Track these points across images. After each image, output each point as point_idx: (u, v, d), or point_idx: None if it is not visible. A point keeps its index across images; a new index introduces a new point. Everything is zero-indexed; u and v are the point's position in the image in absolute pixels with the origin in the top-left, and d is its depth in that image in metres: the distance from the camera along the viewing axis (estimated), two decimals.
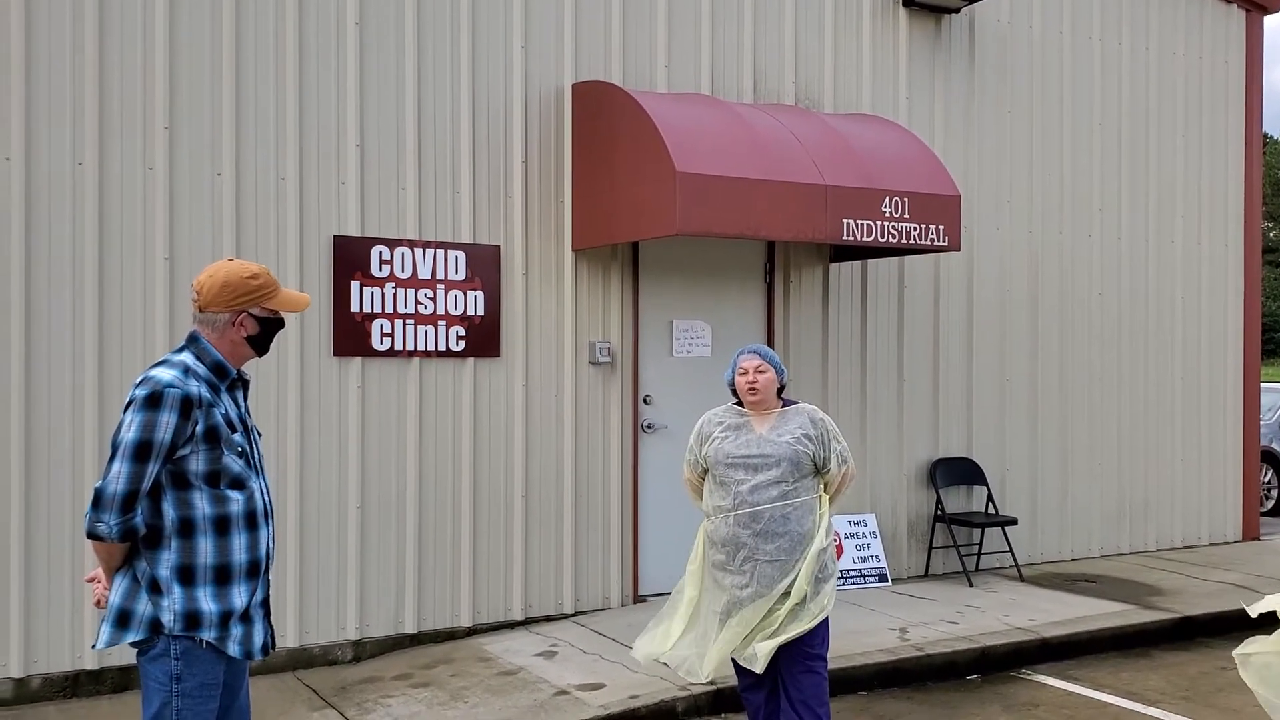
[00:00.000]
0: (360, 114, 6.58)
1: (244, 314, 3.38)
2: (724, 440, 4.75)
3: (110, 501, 3.16)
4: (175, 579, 3.24)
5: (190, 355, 3.34)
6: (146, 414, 3.17)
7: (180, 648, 3.24)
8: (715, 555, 4.74)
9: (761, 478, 4.64)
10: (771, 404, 4.80)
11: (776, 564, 4.60)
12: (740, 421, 4.80)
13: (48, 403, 5.84)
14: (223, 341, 3.38)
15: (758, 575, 4.61)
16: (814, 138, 7.08)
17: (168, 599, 3.24)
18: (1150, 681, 6.43)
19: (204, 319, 3.38)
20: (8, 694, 5.74)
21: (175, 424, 3.19)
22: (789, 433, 4.69)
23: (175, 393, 3.19)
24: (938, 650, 6.58)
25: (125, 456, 3.16)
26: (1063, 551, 9.24)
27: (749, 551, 4.62)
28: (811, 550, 4.61)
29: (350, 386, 6.57)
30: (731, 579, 4.67)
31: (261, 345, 3.46)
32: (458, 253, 6.86)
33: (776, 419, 4.76)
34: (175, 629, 3.23)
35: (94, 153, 5.93)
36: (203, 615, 3.25)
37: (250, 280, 3.38)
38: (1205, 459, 10.02)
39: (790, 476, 4.64)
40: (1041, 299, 9.13)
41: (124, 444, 3.17)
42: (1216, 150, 10.06)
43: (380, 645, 6.64)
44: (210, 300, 3.36)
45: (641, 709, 5.64)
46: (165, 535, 3.25)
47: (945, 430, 8.69)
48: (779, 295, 8.00)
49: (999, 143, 8.91)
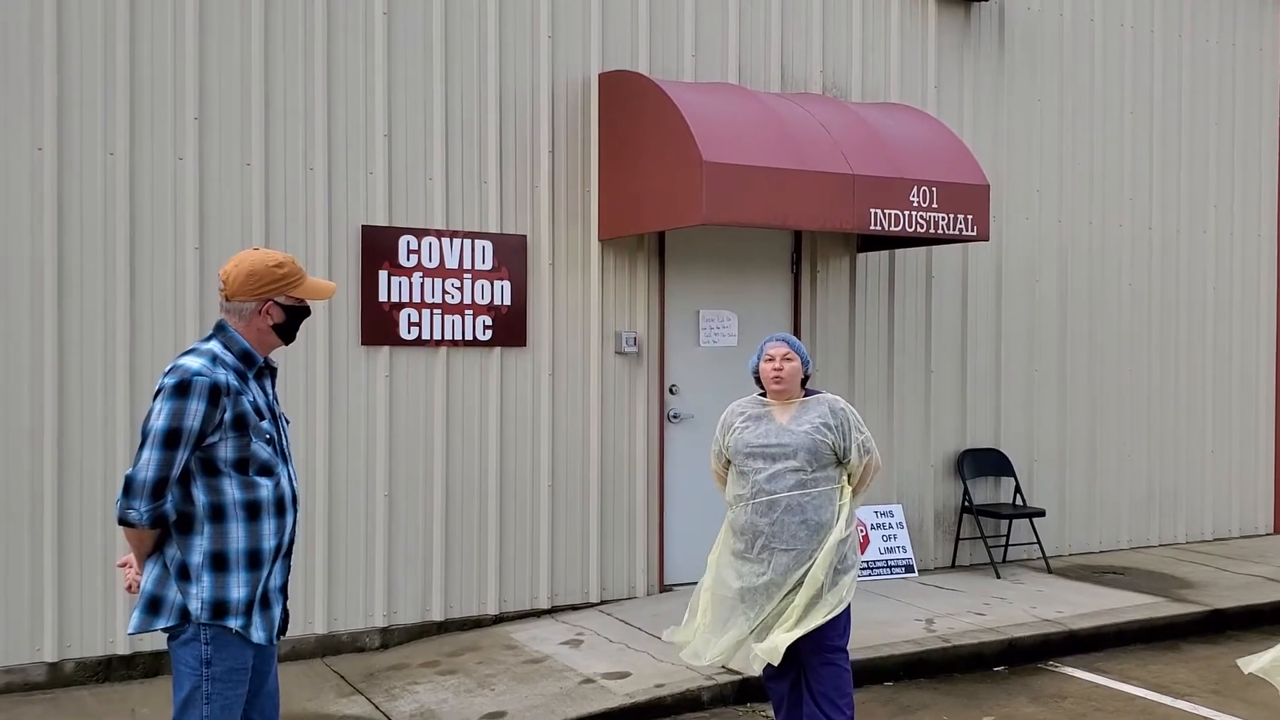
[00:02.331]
0: (388, 104, 6.61)
1: (270, 302, 3.40)
2: (744, 430, 4.76)
3: (141, 488, 3.19)
4: (207, 565, 3.27)
5: (218, 344, 3.37)
6: (176, 402, 3.20)
7: (210, 633, 3.27)
8: (735, 544, 4.76)
9: (779, 466, 4.63)
10: (795, 394, 4.78)
11: (792, 553, 4.60)
12: (762, 411, 4.79)
13: (80, 391, 5.91)
14: (249, 330, 3.40)
15: (774, 564, 4.61)
16: (841, 127, 7.05)
17: (196, 586, 3.27)
18: (1179, 674, 6.39)
19: (231, 308, 3.41)
20: (42, 678, 5.82)
21: (204, 411, 3.21)
22: (808, 422, 4.68)
23: (204, 381, 3.22)
24: (964, 641, 6.56)
25: (155, 444, 3.20)
26: (1091, 543, 9.19)
27: (765, 540, 4.63)
28: (830, 540, 4.59)
29: (378, 375, 6.61)
30: (749, 567, 4.68)
31: (288, 333, 3.49)
32: (485, 242, 6.88)
33: (798, 409, 4.75)
34: (203, 617, 3.26)
35: (125, 143, 5.99)
36: (230, 604, 3.29)
37: (276, 269, 3.40)
38: (1236, 450, 9.93)
39: (808, 466, 4.63)
40: (1071, 289, 9.06)
41: (154, 431, 3.20)
42: (1250, 139, 9.95)
43: (408, 632, 6.68)
44: (237, 289, 3.38)
45: (667, 698, 5.65)
46: (198, 521, 3.28)
47: (973, 421, 8.65)
48: (806, 285, 7.98)
49: (1028, 132, 8.84)
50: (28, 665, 5.80)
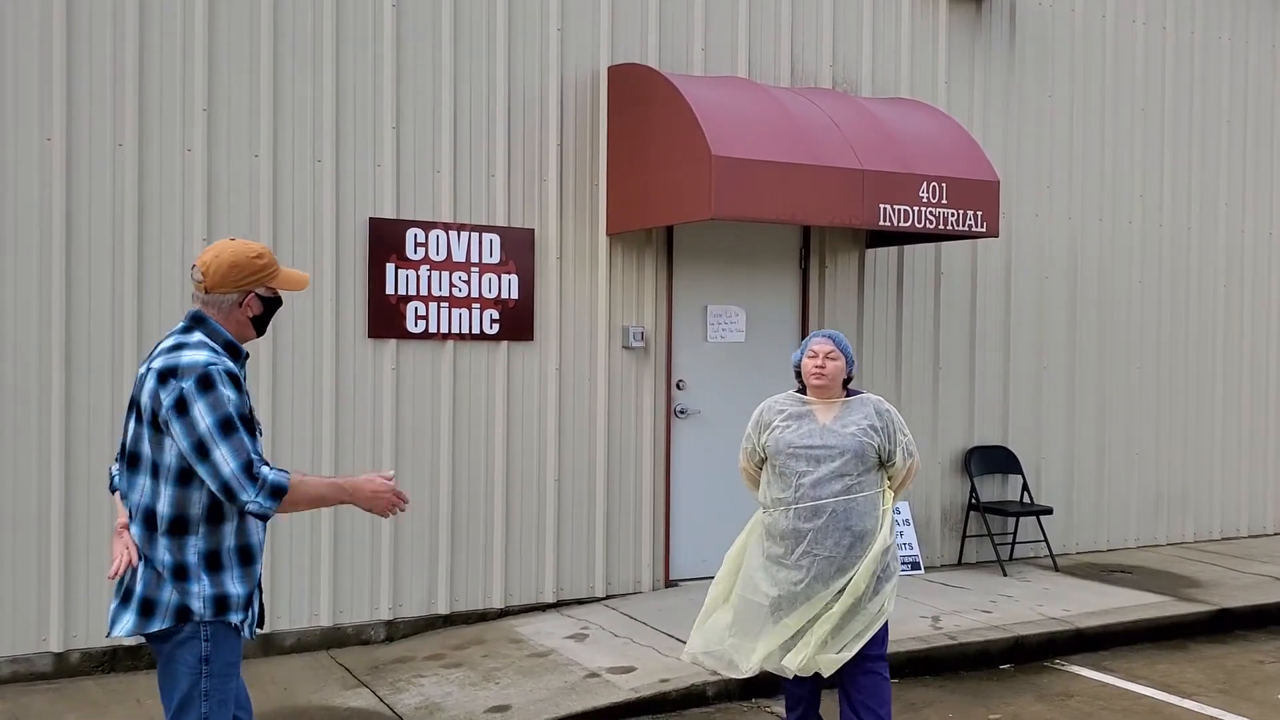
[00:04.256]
0: (396, 96, 6.60)
1: (251, 294, 3.37)
2: (785, 429, 4.58)
3: (237, 483, 3.15)
4: (203, 565, 3.24)
5: (202, 336, 3.31)
6: (208, 396, 3.16)
7: (209, 630, 3.26)
8: (772, 548, 4.58)
9: (824, 470, 4.47)
10: (836, 393, 4.62)
11: (835, 560, 4.43)
12: (803, 410, 4.62)
13: (88, 384, 5.91)
14: (229, 322, 3.36)
15: (815, 571, 4.45)
16: (851, 122, 7.02)
17: (197, 585, 3.23)
18: (1187, 674, 6.36)
19: (210, 300, 3.34)
20: (48, 668, 5.83)
21: (234, 396, 3.19)
22: (854, 423, 4.52)
23: (219, 368, 3.20)
24: (970, 639, 6.54)
25: (216, 441, 3.14)
26: (1098, 542, 9.16)
27: (808, 546, 4.46)
28: (875, 549, 4.43)
29: (385, 368, 6.60)
30: (787, 573, 4.51)
31: (263, 325, 3.47)
32: (492, 236, 6.87)
33: (841, 409, 4.59)
34: (206, 614, 3.24)
35: (134, 134, 5.98)
36: (231, 599, 3.28)
37: (256, 260, 3.36)
38: (1245, 450, 9.89)
39: (854, 469, 4.46)
40: (1080, 286, 9.03)
41: (207, 434, 3.14)
42: (1261, 137, 9.90)
43: (413, 626, 6.68)
44: (218, 281, 3.32)
45: (672, 692, 5.65)
46: (193, 523, 3.24)
47: (981, 418, 8.62)
48: (814, 281, 7.95)
49: (1039, 128, 8.80)
50: (34, 655, 5.81)
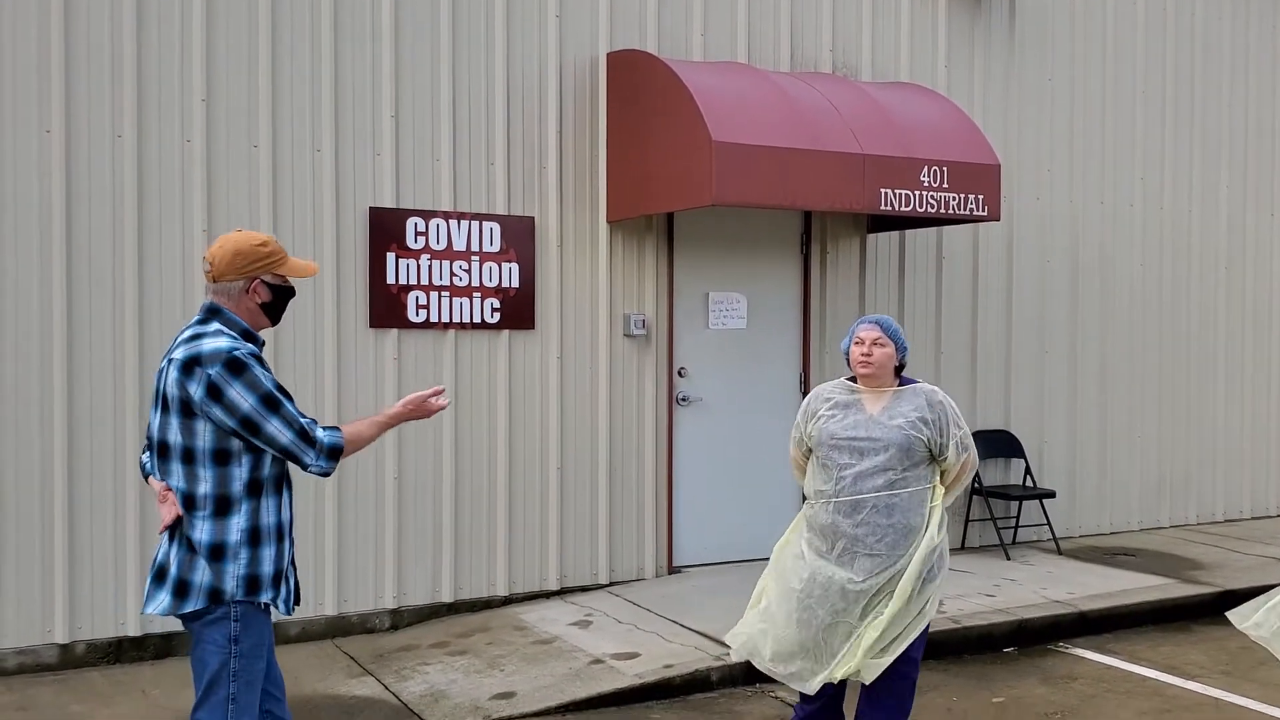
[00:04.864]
0: (395, 85, 6.58)
1: (257, 280, 3.45)
2: (830, 419, 4.33)
3: (298, 449, 3.32)
4: (245, 542, 3.34)
5: (220, 325, 3.40)
6: (242, 379, 3.27)
7: (239, 610, 3.35)
8: (815, 541, 4.34)
9: (867, 464, 4.22)
10: (887, 382, 4.35)
11: (878, 558, 4.20)
12: (850, 400, 4.36)
13: (89, 374, 5.91)
14: (239, 309, 3.45)
15: (856, 567, 4.22)
16: (851, 106, 7.00)
17: (233, 565, 3.33)
18: (1190, 655, 6.37)
19: (219, 289, 3.44)
20: (54, 659, 5.85)
21: (266, 374, 3.32)
22: (902, 415, 4.25)
23: (242, 351, 3.30)
24: (974, 623, 6.55)
25: (265, 416, 3.28)
26: (1101, 525, 9.16)
27: (848, 543, 4.22)
28: (921, 549, 4.19)
29: (387, 358, 6.60)
30: (826, 566, 4.28)
31: (275, 313, 3.54)
32: (492, 224, 6.86)
33: (891, 399, 4.32)
34: (238, 594, 3.33)
35: (133, 125, 5.97)
36: (262, 579, 3.38)
37: (260, 248, 3.45)
38: (1248, 431, 9.89)
39: (899, 464, 4.21)
40: (1082, 270, 9.01)
41: (253, 413, 3.26)
42: (1263, 118, 9.87)
43: (417, 614, 6.69)
44: (224, 269, 3.42)
45: (676, 678, 5.66)
46: (235, 500, 3.33)
47: (983, 402, 8.62)
48: (815, 266, 7.94)
49: (1039, 111, 8.78)
50: (39, 647, 5.83)
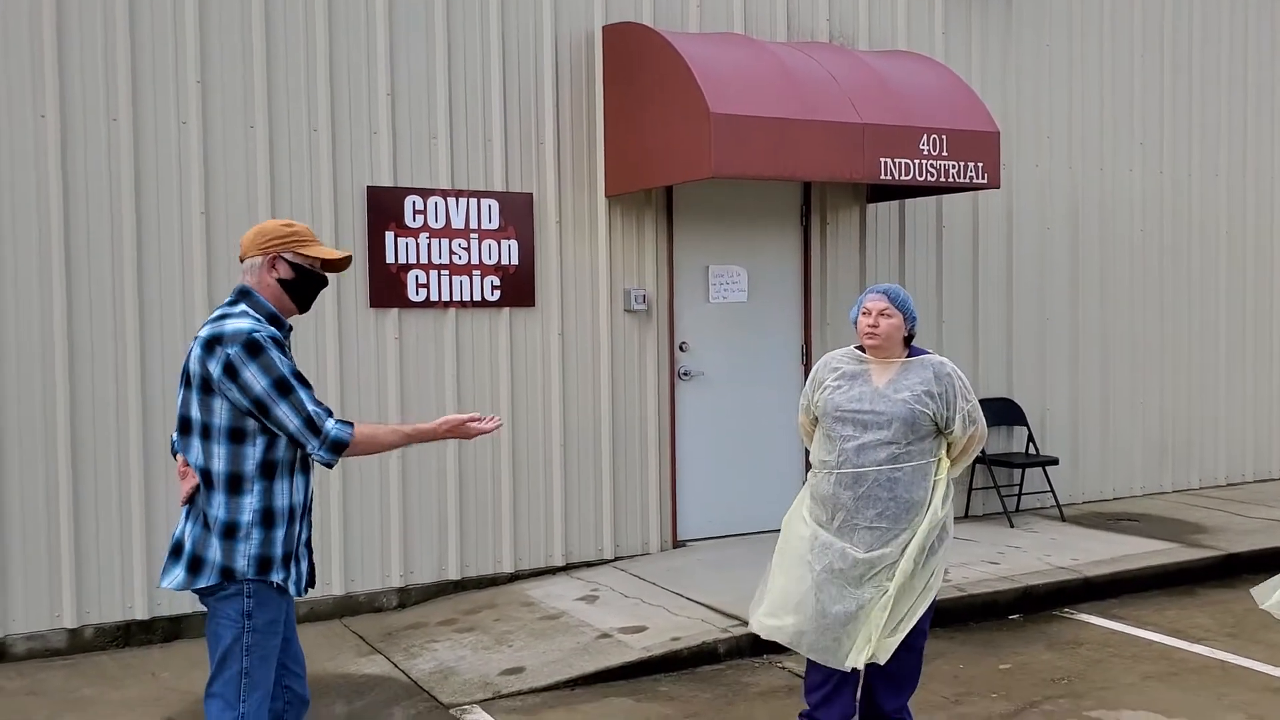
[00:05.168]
0: (390, 62, 6.55)
1: (277, 256, 3.50)
2: (835, 390, 4.27)
3: (302, 436, 3.34)
4: (258, 522, 3.38)
5: (247, 307, 3.46)
6: (258, 361, 3.31)
7: (252, 588, 3.39)
8: (816, 510, 4.32)
9: (869, 437, 4.16)
10: (895, 353, 4.28)
11: (876, 531, 4.16)
12: (858, 370, 4.29)
13: (91, 358, 5.91)
14: (264, 288, 3.50)
15: (855, 540, 4.18)
16: (849, 75, 6.97)
17: (244, 544, 3.37)
18: (1195, 619, 6.40)
19: (245, 267, 3.52)
20: (63, 644, 5.87)
21: (283, 357, 3.36)
22: (908, 389, 4.18)
23: (262, 333, 3.35)
24: (979, 590, 6.57)
25: (275, 400, 3.31)
26: (1104, 491, 9.18)
27: (847, 515, 4.19)
28: (923, 525, 4.14)
29: (388, 338, 6.60)
30: (827, 537, 4.24)
31: (301, 297, 3.57)
32: (490, 201, 6.84)
33: (898, 371, 4.25)
34: (249, 573, 3.37)
35: (128, 108, 5.94)
36: (274, 560, 3.41)
37: (283, 227, 3.53)
38: (1250, 395, 9.89)
39: (903, 438, 4.15)
40: (1082, 236, 8.99)
41: (264, 393, 3.30)
42: (1262, 81, 9.82)
43: (424, 592, 6.71)
44: (247, 247, 3.52)
45: (683, 650, 5.68)
46: (248, 479, 3.37)
47: (985, 371, 8.62)
48: (815, 237, 7.92)
49: (1037, 77, 8.73)
50: (48, 632, 5.85)
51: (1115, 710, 5.02)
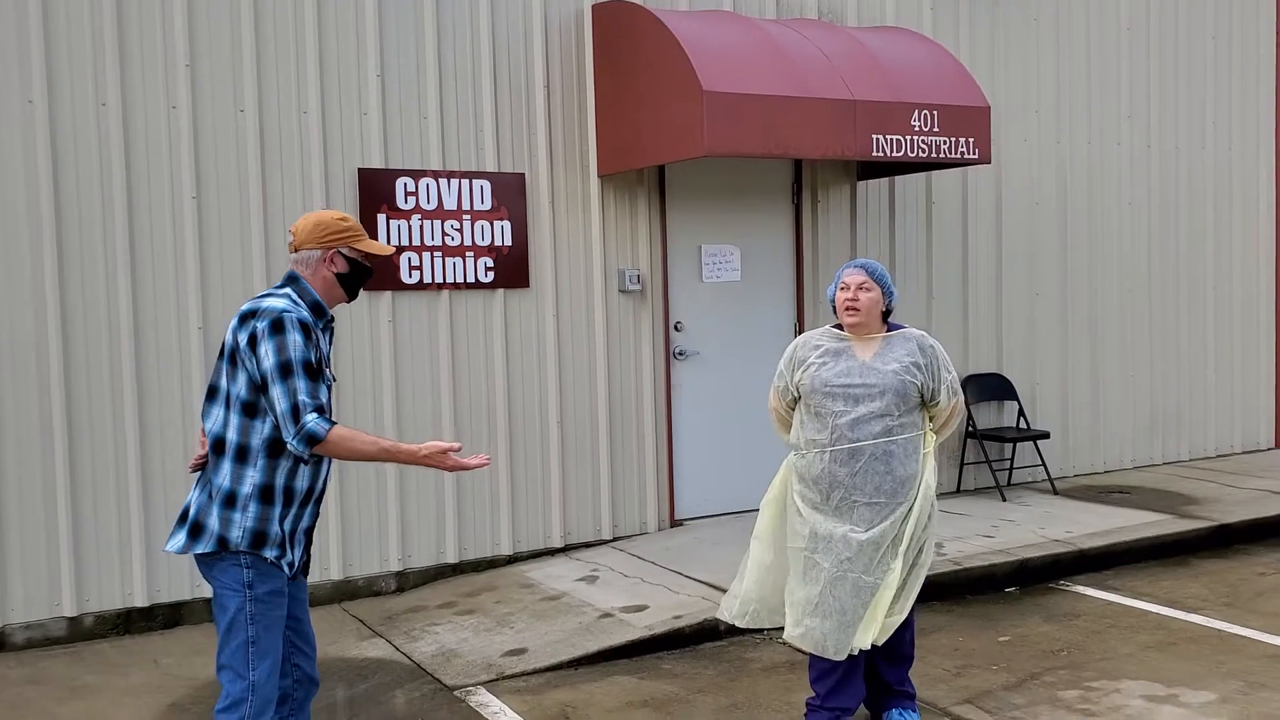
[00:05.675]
0: (380, 43, 6.50)
1: (335, 251, 3.59)
2: (821, 367, 4.27)
3: (283, 421, 3.36)
4: (255, 496, 3.43)
5: (292, 292, 3.55)
6: (276, 339, 3.37)
7: (249, 559, 3.44)
8: (808, 493, 4.32)
9: (863, 410, 4.18)
10: (874, 328, 4.31)
11: (875, 506, 4.18)
12: (840, 346, 4.31)
13: (85, 345, 5.86)
14: (316, 279, 3.59)
15: (855, 517, 4.20)
16: (840, 52, 6.95)
17: (240, 515, 3.42)
18: (1190, 589, 6.45)
19: (299, 258, 3.59)
20: (62, 632, 5.85)
21: (301, 342, 3.39)
22: (895, 360, 4.23)
23: (292, 315, 3.41)
24: (975, 564, 6.61)
25: (274, 381, 3.35)
26: (1095, 464, 9.24)
27: (845, 492, 4.19)
28: (917, 500, 4.20)
29: (381, 321, 6.57)
30: (823, 520, 4.26)
31: (352, 287, 3.67)
32: (482, 182, 6.81)
33: (881, 345, 4.29)
34: (242, 545, 3.42)
35: (116, 93, 5.88)
36: (270, 536, 3.45)
37: (340, 221, 3.61)
38: (1238, 367, 9.96)
39: (895, 410, 4.18)
40: (1070, 210, 9.02)
41: (269, 372, 3.36)
42: (1247, 53, 9.85)
43: (423, 575, 6.71)
44: (305, 239, 3.58)
45: (686, 628, 5.70)
46: (253, 453, 3.43)
47: (975, 346, 8.65)
48: (807, 215, 7.92)
49: (1025, 52, 8.74)
50: (47, 620, 5.82)
51: (1116, 680, 5.06)
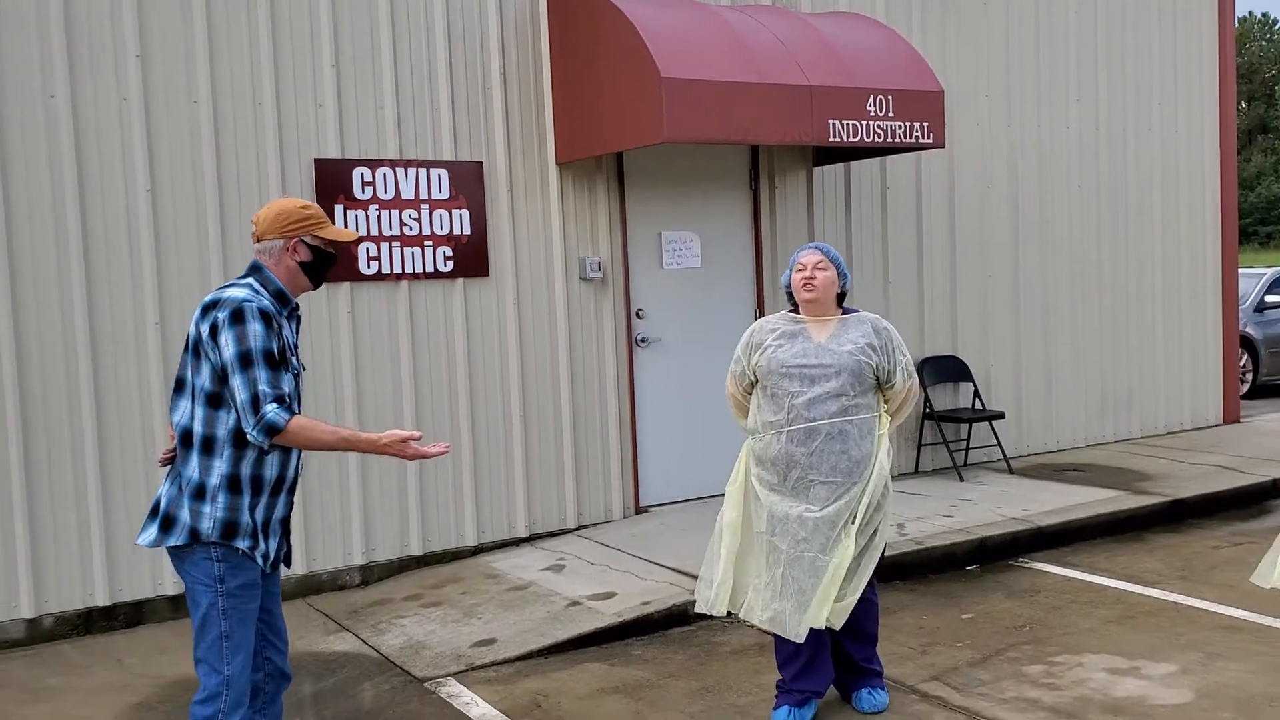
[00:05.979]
0: (334, 33, 6.43)
1: (297, 240, 3.60)
2: (778, 349, 4.33)
3: (243, 411, 3.36)
4: (224, 487, 3.42)
5: (254, 281, 3.54)
6: (236, 329, 3.37)
7: (219, 552, 3.43)
8: (765, 475, 4.36)
9: (819, 390, 4.24)
10: (830, 310, 4.38)
11: (831, 485, 4.23)
12: (796, 329, 4.37)
13: (39, 343, 5.76)
14: (280, 268, 3.58)
15: (811, 496, 4.25)
16: (795, 38, 6.98)
17: (209, 506, 3.41)
18: (1146, 564, 6.58)
19: (262, 248, 3.58)
20: (21, 634, 5.75)
21: (262, 332, 3.38)
22: (850, 341, 4.29)
23: (253, 305, 3.40)
24: (936, 543, 6.69)
25: (234, 371, 3.35)
26: (1049, 443, 9.38)
27: (802, 471, 4.25)
28: (872, 480, 4.25)
29: (340, 312, 6.52)
30: (780, 500, 4.31)
31: (316, 275, 3.66)
32: (440, 171, 6.76)
33: (836, 327, 4.35)
34: (213, 536, 3.41)
35: (65, 85, 5.77)
36: (240, 526, 3.44)
37: (303, 209, 3.60)
38: (1186, 345, 10.15)
39: (851, 390, 4.25)
40: (1021, 194, 9.13)
41: (230, 362, 3.35)
42: (1191, 35, 10.02)
43: (387, 569, 6.68)
44: (267, 229, 3.56)
45: (655, 614, 5.72)
46: (219, 443, 3.42)
47: (930, 329, 8.74)
48: (765, 201, 7.95)
49: (976, 36, 8.82)
50: (5, 623, 5.72)
51: (1078, 654, 5.15)
